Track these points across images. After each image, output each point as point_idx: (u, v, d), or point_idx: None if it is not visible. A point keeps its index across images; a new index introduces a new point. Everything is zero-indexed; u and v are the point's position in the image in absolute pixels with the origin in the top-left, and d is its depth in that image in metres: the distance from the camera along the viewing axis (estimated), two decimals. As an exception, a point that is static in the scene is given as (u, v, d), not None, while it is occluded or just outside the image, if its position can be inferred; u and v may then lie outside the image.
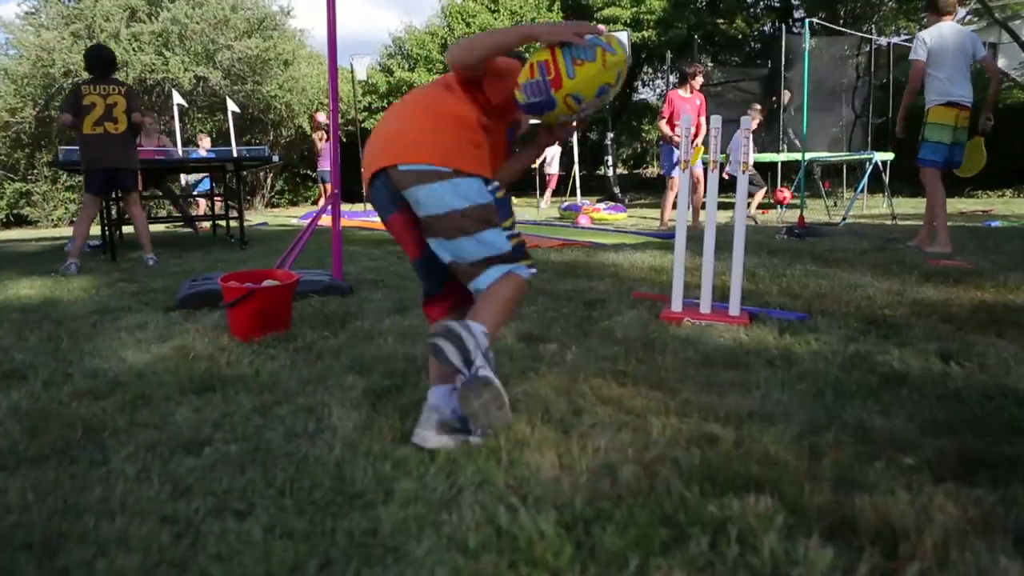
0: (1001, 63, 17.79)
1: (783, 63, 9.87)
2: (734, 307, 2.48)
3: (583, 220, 7.60)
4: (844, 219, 7.26)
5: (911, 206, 9.28)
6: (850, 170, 11.70)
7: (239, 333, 2.44)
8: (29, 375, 2.01)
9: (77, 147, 6.06)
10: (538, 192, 12.15)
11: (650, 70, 21.64)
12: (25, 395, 1.79)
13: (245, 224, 6.14)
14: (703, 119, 6.58)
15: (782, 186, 7.62)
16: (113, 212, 5.28)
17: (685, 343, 2.15)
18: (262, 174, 16.45)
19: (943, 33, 4.34)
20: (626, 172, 26.09)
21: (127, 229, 6.04)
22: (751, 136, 7.10)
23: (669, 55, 12.68)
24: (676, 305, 2.55)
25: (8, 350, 2.32)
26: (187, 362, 2.10)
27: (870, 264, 3.76)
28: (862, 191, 8.45)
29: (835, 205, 8.77)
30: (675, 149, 6.63)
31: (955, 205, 8.49)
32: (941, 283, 3.20)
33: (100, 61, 4.68)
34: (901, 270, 3.58)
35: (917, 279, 3.31)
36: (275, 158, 7.61)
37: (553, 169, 13.06)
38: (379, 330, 2.46)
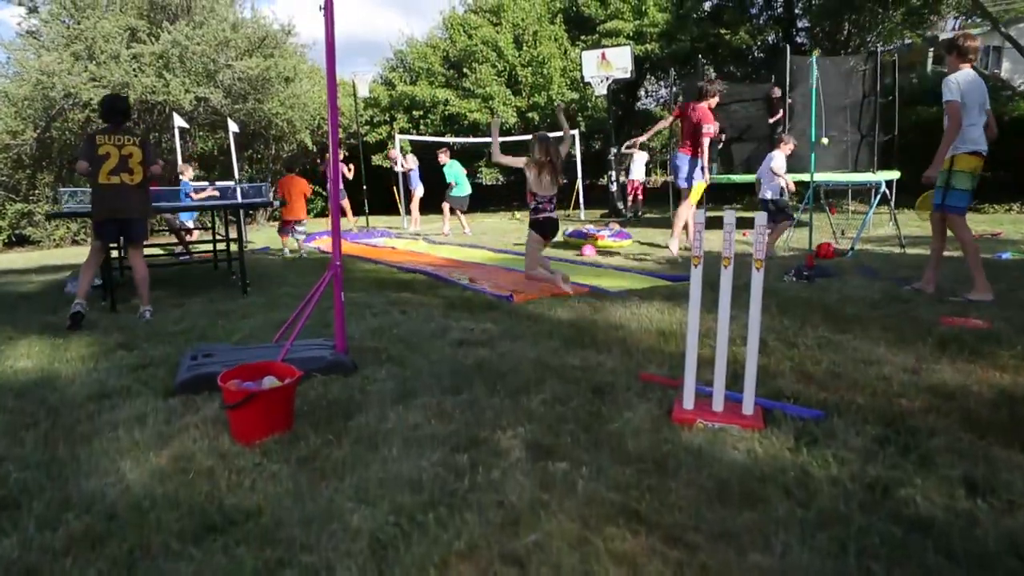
0: (1005, 67, 17.69)
1: (787, 83, 9.79)
2: (748, 405, 2.42)
3: (588, 251, 7.51)
4: (852, 248, 7.17)
5: (916, 225, 9.19)
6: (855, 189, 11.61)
7: (240, 437, 2.39)
8: (23, 503, 1.96)
9: (69, 191, 6.04)
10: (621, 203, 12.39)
11: (652, 78, 21.57)
12: (17, 543, 1.74)
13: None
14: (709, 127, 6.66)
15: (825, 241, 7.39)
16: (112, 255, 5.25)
17: (699, 460, 2.09)
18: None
19: (970, 80, 4.30)
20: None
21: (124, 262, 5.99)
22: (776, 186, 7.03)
23: (673, 71, 12.59)
24: (688, 402, 2.48)
25: (3, 461, 2.27)
26: (187, 485, 2.04)
27: (882, 327, 3.68)
28: (870, 218, 8.37)
29: (843, 234, 8.69)
30: (685, 158, 6.78)
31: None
32: (957, 355, 3.14)
33: (115, 110, 4.74)
34: (914, 334, 3.50)
35: (932, 349, 3.24)
36: (275, 202, 7.69)
37: (636, 175, 12.76)
38: (383, 432, 2.40)
